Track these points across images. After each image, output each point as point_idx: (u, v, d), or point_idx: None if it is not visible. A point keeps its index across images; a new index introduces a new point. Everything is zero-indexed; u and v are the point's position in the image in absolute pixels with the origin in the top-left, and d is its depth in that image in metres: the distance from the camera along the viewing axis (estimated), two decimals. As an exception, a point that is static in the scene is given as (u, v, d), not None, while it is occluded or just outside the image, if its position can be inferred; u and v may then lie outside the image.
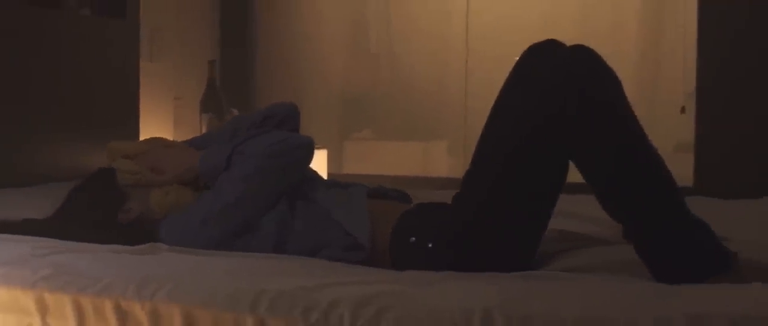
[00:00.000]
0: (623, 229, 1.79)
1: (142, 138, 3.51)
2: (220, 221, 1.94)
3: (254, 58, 4.54)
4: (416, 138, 4.56)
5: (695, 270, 1.63)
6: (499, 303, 1.39)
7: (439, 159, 4.50)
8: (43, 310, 1.55)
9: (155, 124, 3.87)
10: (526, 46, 1.87)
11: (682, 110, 3.80)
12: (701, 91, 3.56)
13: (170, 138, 3.44)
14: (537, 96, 1.77)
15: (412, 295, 1.47)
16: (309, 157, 2.08)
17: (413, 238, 1.87)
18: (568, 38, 4.47)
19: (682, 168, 3.60)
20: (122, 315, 1.50)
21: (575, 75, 1.73)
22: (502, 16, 4.26)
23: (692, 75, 3.63)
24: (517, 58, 1.86)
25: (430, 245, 1.85)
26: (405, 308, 1.40)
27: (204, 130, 3.51)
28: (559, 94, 1.72)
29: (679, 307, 1.34)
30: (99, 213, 2.05)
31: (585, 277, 1.65)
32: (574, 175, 1.83)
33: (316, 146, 2.09)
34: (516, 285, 1.55)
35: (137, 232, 1.97)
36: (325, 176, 3.04)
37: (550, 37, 1.86)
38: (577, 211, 2.31)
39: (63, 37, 3.16)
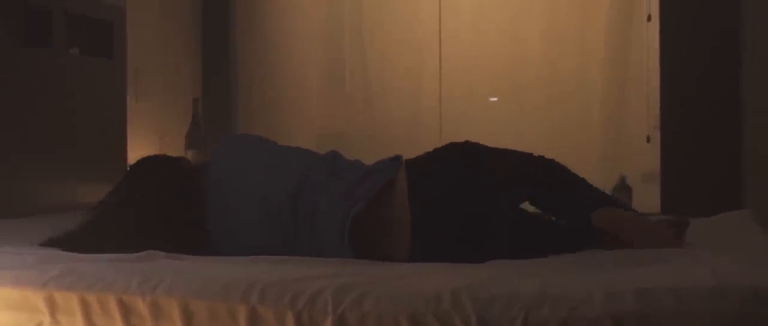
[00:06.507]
0: None
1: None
2: None
3: (236, 96, 4.66)
4: (392, 173, 4.66)
5: None
6: (466, 286, 1.54)
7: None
8: (52, 308, 1.67)
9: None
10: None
11: (648, 140, 3.98)
12: (665, 123, 3.76)
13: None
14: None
15: (390, 283, 1.63)
16: None
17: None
18: (537, 76, 4.59)
19: (649, 197, 3.78)
20: (125, 309, 1.64)
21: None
22: (472, 55, 4.41)
23: (656, 108, 3.83)
24: None
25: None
26: (384, 291, 1.55)
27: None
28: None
29: (630, 282, 1.50)
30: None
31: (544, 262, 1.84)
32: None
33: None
34: (481, 274, 1.71)
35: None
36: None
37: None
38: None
39: (53, 75, 3.23)
